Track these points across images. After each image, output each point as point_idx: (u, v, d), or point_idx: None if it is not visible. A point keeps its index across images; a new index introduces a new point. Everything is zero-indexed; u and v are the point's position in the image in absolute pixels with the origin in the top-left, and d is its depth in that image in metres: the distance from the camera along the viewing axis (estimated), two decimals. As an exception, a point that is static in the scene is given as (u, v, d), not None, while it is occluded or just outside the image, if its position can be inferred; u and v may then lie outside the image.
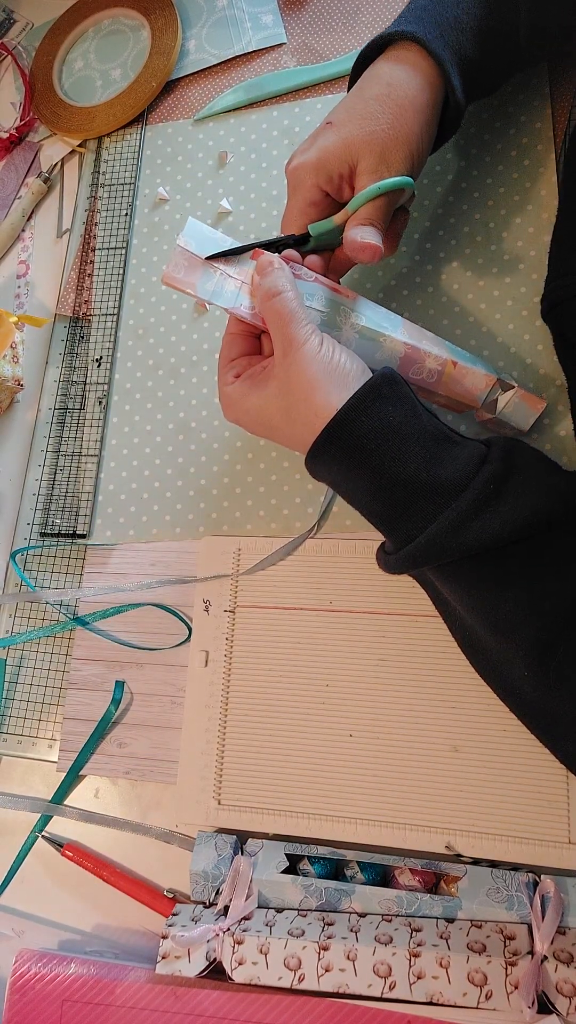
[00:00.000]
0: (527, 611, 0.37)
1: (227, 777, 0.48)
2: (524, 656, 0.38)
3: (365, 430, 0.39)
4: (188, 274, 0.44)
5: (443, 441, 0.40)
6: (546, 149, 0.53)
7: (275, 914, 0.44)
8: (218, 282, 0.44)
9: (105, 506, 0.57)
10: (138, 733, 0.51)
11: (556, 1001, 0.38)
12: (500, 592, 0.38)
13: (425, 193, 0.55)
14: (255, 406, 0.43)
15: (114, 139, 0.67)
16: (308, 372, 0.40)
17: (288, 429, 0.42)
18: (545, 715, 0.39)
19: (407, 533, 0.39)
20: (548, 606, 0.37)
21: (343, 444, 0.40)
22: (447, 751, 0.45)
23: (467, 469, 0.38)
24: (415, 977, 0.39)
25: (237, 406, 0.44)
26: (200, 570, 0.53)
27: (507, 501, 0.37)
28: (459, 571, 0.39)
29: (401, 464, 0.39)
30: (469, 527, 0.37)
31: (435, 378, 0.45)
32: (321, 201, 0.45)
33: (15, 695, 0.55)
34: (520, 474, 0.38)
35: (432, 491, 0.38)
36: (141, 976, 0.44)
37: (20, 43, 0.75)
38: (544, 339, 0.50)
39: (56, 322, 0.63)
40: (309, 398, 0.40)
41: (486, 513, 0.37)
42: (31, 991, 0.45)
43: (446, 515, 0.37)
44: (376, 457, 0.39)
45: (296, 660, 0.49)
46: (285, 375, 0.41)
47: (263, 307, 0.42)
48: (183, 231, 0.44)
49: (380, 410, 0.39)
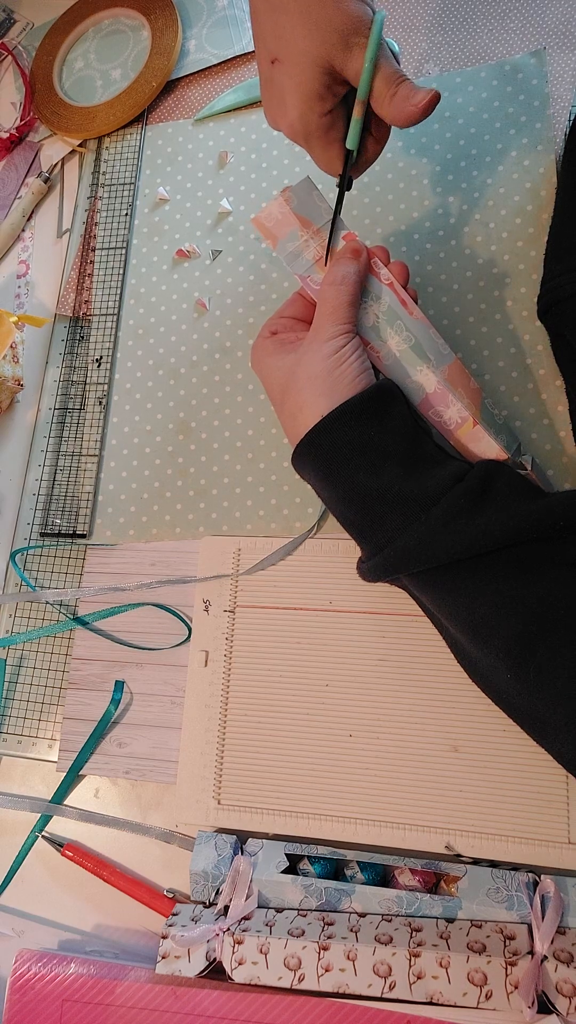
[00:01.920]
0: (502, 614, 0.37)
1: (227, 777, 0.48)
2: (504, 660, 0.38)
3: (338, 444, 0.40)
4: (278, 227, 0.44)
5: (424, 460, 0.40)
6: (546, 150, 0.53)
7: (275, 914, 0.44)
8: (300, 246, 0.44)
9: (105, 506, 0.57)
10: (138, 733, 0.51)
11: (556, 1001, 0.38)
12: (473, 597, 0.38)
13: (425, 193, 0.55)
14: (270, 368, 0.44)
15: (114, 139, 0.67)
16: (314, 366, 0.41)
17: (281, 408, 0.44)
18: (534, 718, 0.39)
19: (377, 543, 0.40)
20: (522, 608, 0.37)
21: (321, 450, 0.41)
22: (447, 751, 0.45)
23: (441, 485, 0.39)
24: (415, 977, 0.39)
25: (260, 360, 0.46)
26: (200, 570, 0.53)
27: (480, 516, 0.38)
28: (433, 580, 0.40)
29: (375, 478, 0.39)
30: (438, 539, 0.38)
31: (452, 427, 0.44)
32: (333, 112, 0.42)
33: (15, 695, 0.55)
34: (496, 493, 0.39)
35: (403, 503, 0.39)
36: (141, 976, 0.44)
37: (20, 43, 0.75)
38: (543, 339, 0.50)
39: (56, 322, 0.63)
40: (301, 391, 0.41)
41: (456, 526, 0.37)
42: (31, 991, 0.45)
43: (416, 527, 0.38)
44: (350, 468, 0.40)
45: (296, 660, 0.49)
46: (300, 358, 0.42)
47: (321, 288, 0.43)
48: (294, 184, 0.44)
49: (359, 426, 0.40)
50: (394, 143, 0.57)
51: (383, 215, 0.56)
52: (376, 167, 0.57)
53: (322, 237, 0.44)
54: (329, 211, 0.45)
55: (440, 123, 0.56)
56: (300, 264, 0.45)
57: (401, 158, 0.56)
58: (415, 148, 0.56)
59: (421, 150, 0.56)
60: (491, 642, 0.38)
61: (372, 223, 0.56)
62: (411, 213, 0.55)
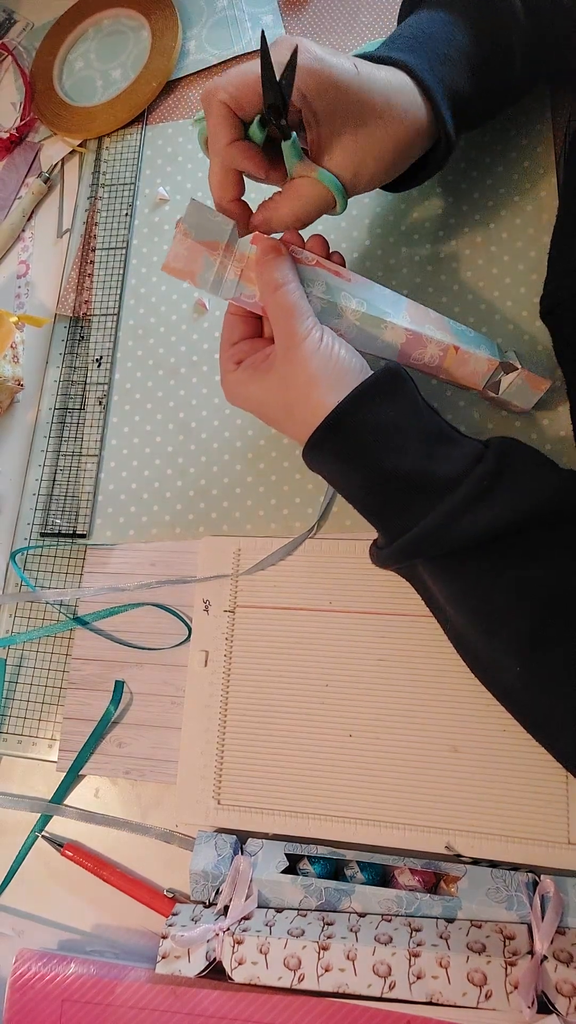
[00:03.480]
0: (519, 602, 0.37)
1: (227, 777, 0.48)
2: (515, 653, 0.38)
3: (361, 427, 0.39)
4: (188, 263, 0.43)
5: (441, 440, 0.40)
6: (546, 151, 0.53)
7: (275, 914, 0.44)
8: (218, 270, 0.43)
9: (105, 506, 0.57)
10: (138, 733, 0.51)
11: (556, 1001, 0.38)
12: (491, 583, 0.38)
13: (425, 193, 0.55)
14: (255, 396, 0.43)
15: (114, 139, 0.67)
16: (307, 369, 0.40)
17: (287, 422, 0.42)
18: (537, 714, 0.39)
19: (401, 526, 0.40)
20: (541, 595, 0.37)
21: (338, 441, 0.40)
22: (447, 751, 0.45)
23: (462, 466, 0.38)
24: (415, 977, 0.39)
25: (239, 394, 0.44)
26: (200, 570, 0.53)
27: (499, 496, 0.37)
28: (450, 565, 0.39)
29: (397, 460, 0.39)
30: (461, 520, 0.37)
31: (436, 363, 0.45)
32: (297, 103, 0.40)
33: (15, 695, 0.55)
34: (514, 471, 0.38)
35: (426, 486, 0.38)
36: (141, 976, 0.44)
37: (20, 43, 0.75)
38: (544, 339, 0.50)
39: (56, 322, 0.63)
40: (307, 395, 0.40)
41: (478, 507, 0.37)
42: (31, 991, 0.45)
43: (439, 509, 0.38)
44: (372, 453, 0.39)
45: (296, 660, 0.49)
46: (284, 370, 0.41)
47: (265, 300, 0.42)
48: (184, 215, 0.42)
49: (378, 407, 0.39)
50: (394, 143, 0.57)
51: (383, 215, 0.56)
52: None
53: (234, 251, 0.43)
54: (227, 221, 0.43)
55: (440, 123, 0.56)
56: (228, 288, 0.43)
57: (401, 158, 0.56)
58: (415, 148, 0.56)
59: (421, 150, 0.56)
60: (502, 632, 0.38)
61: (371, 223, 0.56)
62: (411, 214, 0.55)
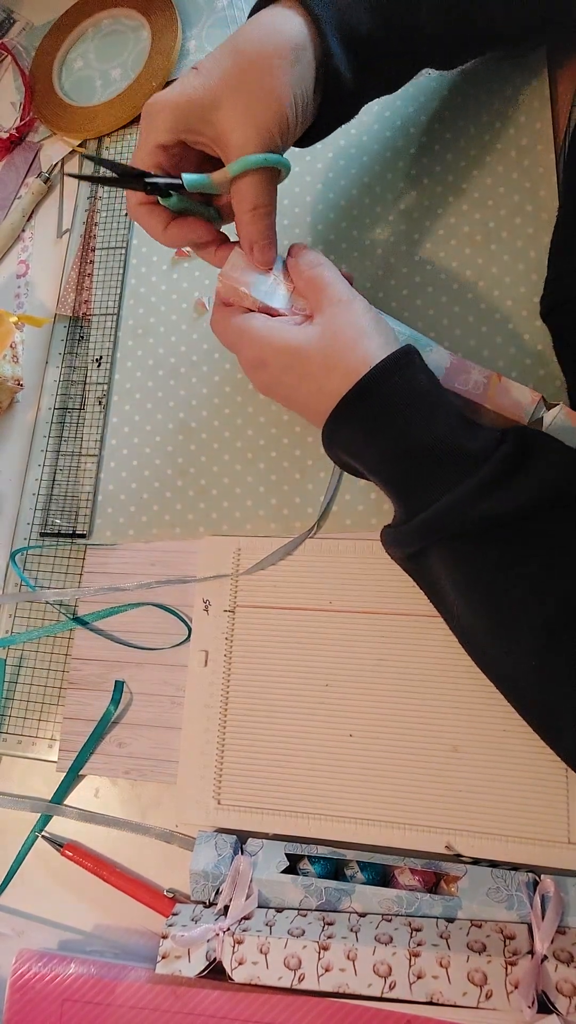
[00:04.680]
0: (536, 593, 0.37)
1: (227, 777, 0.48)
2: (526, 645, 0.37)
3: (399, 389, 0.39)
4: (244, 273, 0.44)
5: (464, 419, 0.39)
6: (546, 150, 0.53)
7: (275, 914, 0.44)
8: (273, 282, 0.44)
9: (105, 506, 0.57)
10: (138, 733, 0.51)
11: (556, 1001, 0.38)
12: (508, 572, 0.37)
13: (425, 193, 0.55)
14: (290, 345, 0.41)
15: (114, 139, 0.67)
16: (359, 321, 0.40)
17: (320, 378, 0.40)
18: (544, 709, 0.39)
19: (425, 499, 0.38)
20: (560, 587, 0.36)
21: (374, 400, 0.39)
22: (447, 751, 0.45)
23: (489, 442, 0.38)
24: (415, 977, 0.39)
25: (261, 339, 0.42)
26: (200, 570, 0.53)
27: (529, 473, 0.37)
28: (467, 549, 0.38)
29: (428, 428, 0.38)
30: (486, 497, 0.37)
31: (481, 390, 0.44)
32: (174, 146, 0.42)
33: (15, 695, 0.55)
34: (539, 451, 0.38)
35: (456, 458, 0.38)
36: (141, 976, 0.44)
37: (20, 43, 0.75)
38: (544, 339, 0.50)
39: (56, 322, 0.63)
40: (355, 346, 0.39)
41: (504, 484, 0.37)
42: (31, 991, 0.45)
43: (466, 483, 0.37)
44: (403, 419, 0.38)
45: (296, 660, 0.49)
46: (333, 320, 0.41)
47: (310, 273, 0.42)
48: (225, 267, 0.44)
49: (414, 373, 0.39)
50: (394, 143, 0.57)
51: (383, 215, 0.56)
52: (376, 167, 0.57)
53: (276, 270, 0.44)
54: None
55: (440, 124, 0.56)
56: (280, 297, 0.44)
57: (401, 158, 0.56)
58: (415, 148, 0.56)
59: (421, 150, 0.56)
60: (515, 625, 0.37)
61: (371, 223, 0.56)
62: (411, 213, 0.55)
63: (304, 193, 0.58)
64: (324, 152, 0.59)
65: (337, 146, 0.58)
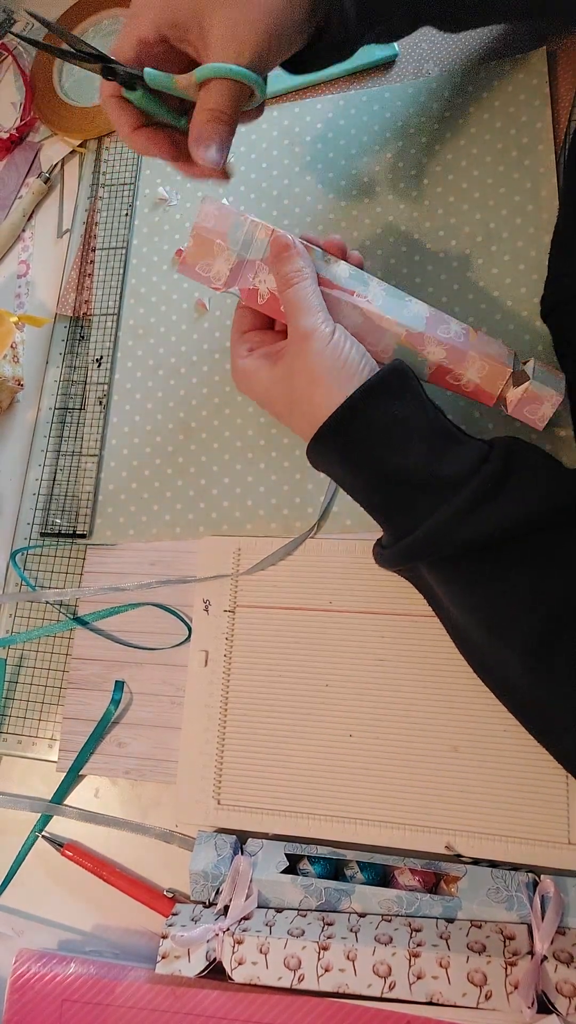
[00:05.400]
0: (527, 605, 0.37)
1: (227, 777, 0.48)
2: (520, 653, 0.37)
3: (365, 425, 0.39)
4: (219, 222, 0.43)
5: (446, 438, 0.39)
6: (547, 150, 0.53)
7: (275, 914, 0.44)
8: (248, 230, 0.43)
9: (105, 506, 0.57)
10: (138, 733, 0.51)
11: (556, 1001, 0.38)
12: (499, 586, 0.38)
13: (425, 193, 0.55)
14: (263, 386, 0.43)
15: (114, 139, 0.66)
16: (313, 366, 0.40)
17: (290, 417, 0.42)
18: (540, 714, 0.39)
19: (404, 526, 0.39)
20: (550, 599, 0.37)
21: (340, 439, 0.40)
22: (447, 751, 0.45)
23: (468, 466, 0.38)
24: (415, 977, 0.39)
25: (249, 380, 0.44)
26: (200, 570, 0.53)
27: (505, 498, 0.37)
28: (455, 569, 0.39)
29: (401, 459, 0.38)
30: (466, 522, 0.37)
31: (463, 339, 0.44)
32: (156, 44, 0.40)
33: (15, 695, 0.55)
34: (520, 473, 0.38)
35: (431, 486, 0.38)
36: (141, 976, 0.44)
37: (20, 43, 0.74)
38: (544, 339, 0.50)
39: (56, 322, 0.63)
40: (311, 393, 0.40)
41: (484, 508, 0.37)
42: (31, 991, 0.45)
43: (443, 509, 0.37)
44: (377, 451, 0.39)
45: (296, 660, 0.49)
46: (292, 363, 0.41)
47: (287, 293, 0.42)
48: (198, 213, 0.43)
49: (383, 404, 0.39)
50: (394, 144, 0.57)
51: (383, 215, 0.56)
52: (376, 167, 0.57)
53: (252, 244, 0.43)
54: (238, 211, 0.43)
55: (440, 124, 0.56)
56: (257, 247, 0.43)
57: (401, 158, 0.56)
58: (415, 148, 0.56)
59: (421, 150, 0.56)
60: (509, 634, 0.38)
61: (372, 223, 0.56)
62: (412, 213, 0.55)
63: (304, 193, 0.59)
64: (324, 152, 0.59)
65: (337, 146, 0.58)
